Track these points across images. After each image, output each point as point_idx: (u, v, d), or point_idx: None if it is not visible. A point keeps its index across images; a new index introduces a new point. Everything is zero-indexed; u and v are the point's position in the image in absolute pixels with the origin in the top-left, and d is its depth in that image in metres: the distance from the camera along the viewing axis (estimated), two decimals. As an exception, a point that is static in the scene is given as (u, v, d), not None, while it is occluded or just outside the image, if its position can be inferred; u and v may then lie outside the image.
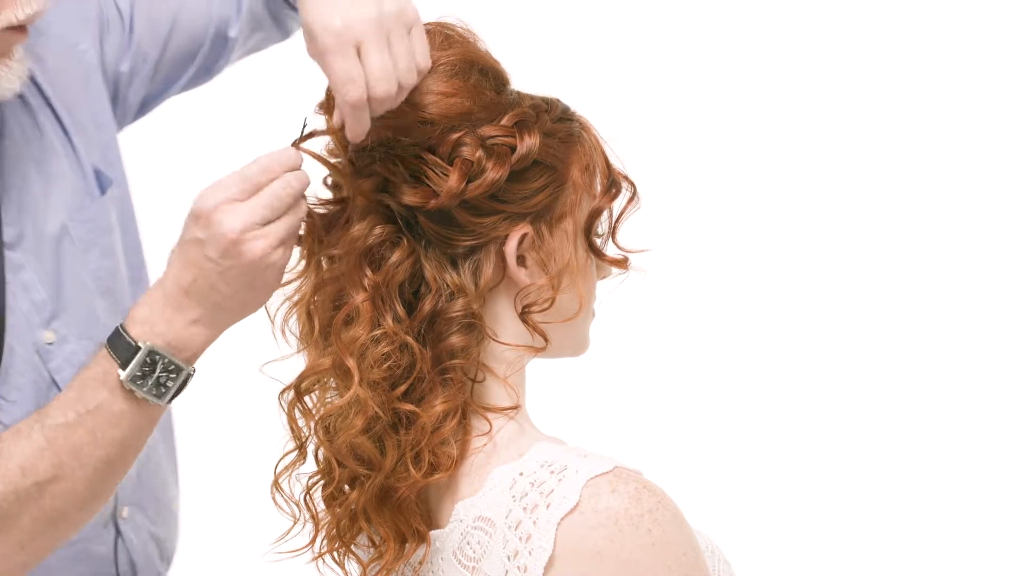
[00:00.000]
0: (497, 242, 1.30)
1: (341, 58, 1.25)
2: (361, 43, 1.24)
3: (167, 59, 1.68)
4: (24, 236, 1.51)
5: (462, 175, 1.28)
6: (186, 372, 1.33)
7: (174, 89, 1.73)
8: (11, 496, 1.33)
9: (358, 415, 1.27)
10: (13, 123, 1.53)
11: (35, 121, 1.55)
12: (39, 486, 1.33)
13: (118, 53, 1.65)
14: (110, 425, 1.33)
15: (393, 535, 1.30)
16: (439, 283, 1.30)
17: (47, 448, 1.33)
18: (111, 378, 1.33)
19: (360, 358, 1.27)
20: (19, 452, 1.34)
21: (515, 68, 1.36)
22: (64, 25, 1.59)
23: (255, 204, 1.27)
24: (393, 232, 1.30)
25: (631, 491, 1.21)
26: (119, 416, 1.33)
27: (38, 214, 1.53)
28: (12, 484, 1.33)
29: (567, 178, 1.33)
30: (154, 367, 1.32)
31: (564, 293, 1.32)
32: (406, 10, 1.27)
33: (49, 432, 1.34)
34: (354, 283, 1.29)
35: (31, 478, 1.33)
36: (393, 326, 1.28)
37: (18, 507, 1.33)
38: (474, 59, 1.32)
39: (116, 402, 1.33)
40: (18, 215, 1.51)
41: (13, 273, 1.50)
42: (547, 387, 1.70)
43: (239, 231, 1.26)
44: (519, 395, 1.33)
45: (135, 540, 1.65)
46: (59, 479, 1.33)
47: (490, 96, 1.31)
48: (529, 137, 1.30)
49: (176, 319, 1.31)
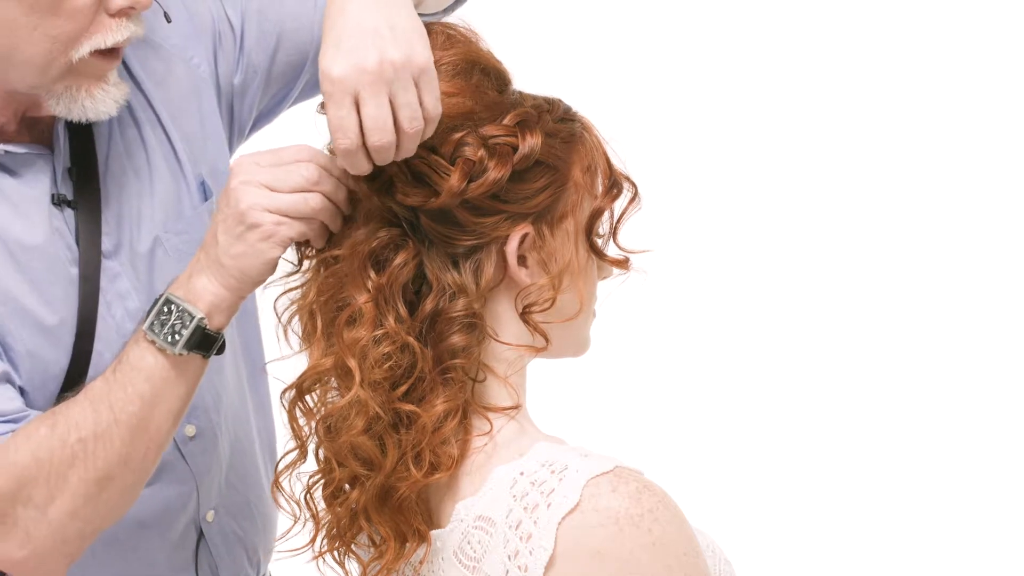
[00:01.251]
0: (498, 242, 1.31)
1: (335, 107, 1.27)
2: (358, 93, 1.26)
3: (276, 72, 1.70)
4: (121, 246, 1.55)
5: (464, 174, 1.28)
6: (197, 318, 1.37)
7: (288, 101, 1.75)
8: (60, 454, 1.38)
9: (359, 415, 1.28)
10: (117, 136, 1.56)
11: (140, 134, 1.58)
12: (83, 442, 1.39)
13: (231, 67, 1.67)
14: (141, 380, 1.39)
15: (394, 534, 1.30)
16: (441, 283, 1.30)
17: (89, 406, 1.40)
18: (139, 334, 1.40)
19: (362, 358, 1.28)
20: (66, 411, 1.41)
21: (517, 68, 1.36)
22: (178, 38, 1.61)
23: (270, 170, 1.33)
24: (398, 235, 1.30)
25: (632, 491, 1.21)
26: (148, 371, 1.39)
27: (135, 225, 1.56)
28: (59, 441, 1.39)
29: (568, 178, 1.33)
30: (170, 315, 1.38)
31: (565, 293, 1.32)
32: (413, 57, 1.27)
33: (91, 392, 1.41)
34: (357, 285, 1.29)
35: (75, 434, 1.39)
36: (395, 326, 1.28)
37: (68, 466, 1.39)
38: (476, 59, 1.32)
39: (144, 355, 1.39)
40: (117, 225, 1.55)
41: (109, 281, 1.53)
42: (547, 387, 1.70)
43: (242, 180, 1.33)
44: (520, 395, 1.33)
45: (220, 544, 1.67)
46: (99, 436, 1.39)
47: (492, 96, 1.31)
48: (531, 137, 1.30)
49: (193, 270, 1.38)
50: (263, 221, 1.32)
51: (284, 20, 1.68)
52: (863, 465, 3.30)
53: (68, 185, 1.52)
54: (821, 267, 3.46)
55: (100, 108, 1.48)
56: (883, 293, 3.45)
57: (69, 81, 1.45)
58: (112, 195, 1.55)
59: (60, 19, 1.41)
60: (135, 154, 1.57)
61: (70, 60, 1.43)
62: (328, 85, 1.27)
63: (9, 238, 1.48)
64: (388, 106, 1.26)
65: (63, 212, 1.51)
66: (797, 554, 3.14)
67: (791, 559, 3.12)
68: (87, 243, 1.51)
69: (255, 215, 1.32)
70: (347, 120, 1.26)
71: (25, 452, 1.39)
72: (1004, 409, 3.35)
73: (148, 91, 1.57)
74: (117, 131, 1.56)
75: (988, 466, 3.28)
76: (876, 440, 3.33)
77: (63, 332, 1.50)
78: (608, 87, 3.38)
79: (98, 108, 1.47)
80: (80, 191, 1.52)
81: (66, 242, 1.51)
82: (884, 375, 3.39)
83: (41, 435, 1.39)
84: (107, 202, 1.54)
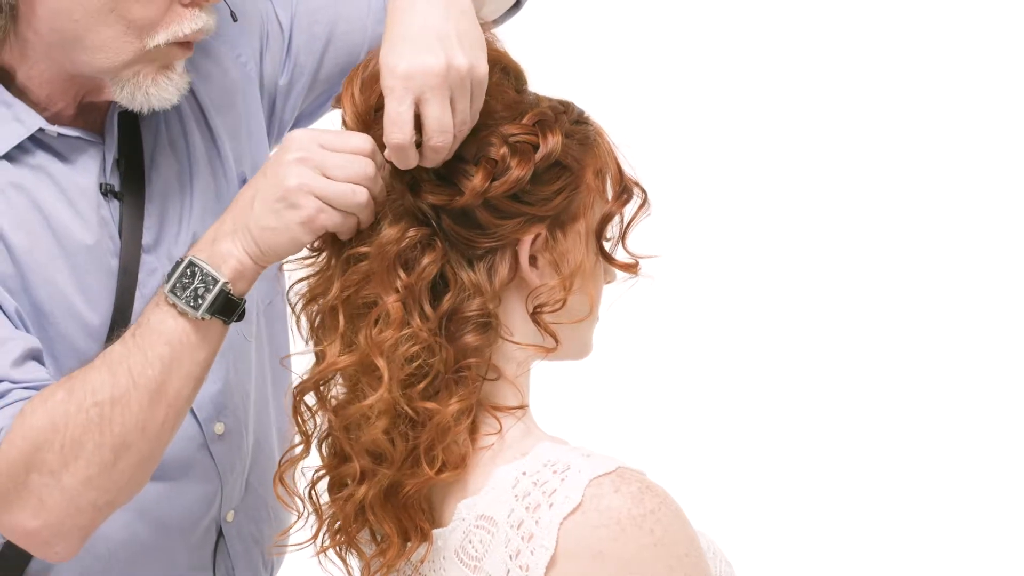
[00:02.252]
0: (512, 243, 1.31)
1: (396, 102, 1.28)
2: (423, 93, 1.27)
3: (323, 75, 1.69)
4: (161, 242, 1.54)
5: (487, 173, 1.29)
6: (221, 283, 1.35)
7: (329, 105, 1.74)
8: (75, 418, 1.35)
9: (382, 415, 1.28)
10: (163, 130, 1.56)
11: (184, 129, 1.58)
12: (99, 406, 1.35)
13: (277, 67, 1.67)
14: (160, 343, 1.36)
15: (397, 532, 1.30)
16: (459, 282, 1.30)
17: (106, 370, 1.36)
18: (160, 298, 1.37)
19: (389, 358, 1.28)
20: (83, 376, 1.37)
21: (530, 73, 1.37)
22: (226, 35, 1.61)
23: (328, 153, 1.31)
24: (427, 235, 1.30)
25: (634, 491, 1.22)
26: (167, 334, 1.36)
27: (175, 220, 1.56)
28: (75, 405, 1.35)
29: (582, 181, 1.33)
30: (193, 278, 1.35)
31: (575, 295, 1.32)
32: (476, 68, 1.29)
33: (108, 356, 1.37)
34: (385, 284, 1.29)
35: (91, 399, 1.35)
36: (420, 325, 1.28)
37: (83, 431, 1.35)
38: (496, 58, 1.32)
39: (165, 319, 1.36)
40: (158, 220, 1.54)
41: (147, 275, 1.53)
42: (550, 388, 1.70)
43: (297, 158, 1.30)
44: (525, 395, 1.34)
45: (238, 545, 1.66)
46: (116, 400, 1.35)
47: (511, 95, 1.32)
48: (552, 136, 1.31)
49: (220, 235, 1.35)
50: (306, 205, 1.30)
51: (336, 22, 1.68)
52: (864, 467, 3.29)
53: (116, 176, 1.52)
54: (829, 276, 3.46)
55: (163, 96, 1.47)
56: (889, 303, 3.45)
57: (138, 67, 1.45)
58: (156, 189, 1.54)
59: (137, 4, 1.41)
60: (179, 149, 1.57)
61: (144, 47, 1.43)
62: (391, 80, 1.28)
63: (58, 226, 1.48)
64: (450, 109, 1.27)
65: (109, 203, 1.51)
66: (797, 555, 3.14)
67: (791, 560, 3.11)
68: (129, 236, 1.51)
69: (300, 196, 1.30)
70: (405, 115, 1.27)
71: (41, 416, 1.36)
72: (1004, 409, 3.35)
73: (195, 87, 1.56)
74: (163, 125, 1.56)
75: (988, 466, 3.27)
76: (877, 442, 3.32)
77: (103, 328, 1.50)
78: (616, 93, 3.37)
79: (161, 96, 1.47)
80: (126, 183, 1.52)
81: (110, 233, 1.51)
82: (885, 380, 3.38)
83: (57, 399, 1.36)
84: (151, 196, 1.54)
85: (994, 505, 3.24)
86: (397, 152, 1.29)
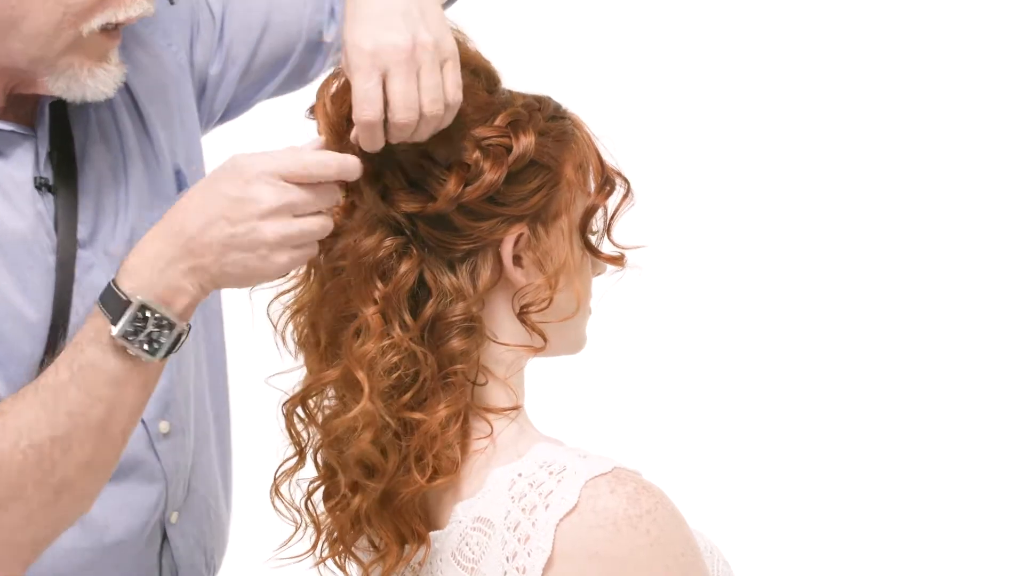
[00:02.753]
0: (494, 244, 1.30)
1: (363, 79, 1.26)
2: (388, 69, 1.26)
3: (257, 63, 1.69)
4: (96, 236, 1.52)
5: (460, 178, 1.28)
6: (179, 328, 1.30)
7: (264, 94, 1.74)
8: (10, 459, 1.30)
9: (367, 427, 1.27)
10: (94, 121, 1.54)
11: (115, 119, 1.56)
12: (36, 448, 1.29)
13: (208, 56, 1.66)
14: (104, 383, 1.29)
15: (394, 538, 1.30)
16: (439, 287, 1.29)
17: (41, 409, 1.30)
18: (103, 335, 1.29)
19: (370, 370, 1.27)
20: (14, 414, 1.31)
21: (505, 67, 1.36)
22: (156, 25, 1.60)
23: (299, 192, 1.26)
24: (402, 243, 1.30)
25: (630, 492, 1.21)
26: (112, 374, 1.29)
27: (111, 215, 1.53)
28: (9, 445, 1.29)
29: (561, 177, 1.32)
30: (145, 322, 1.28)
31: (561, 292, 1.32)
32: (442, 43, 1.28)
33: (43, 393, 1.30)
34: (363, 296, 1.28)
35: (26, 440, 1.29)
36: (401, 335, 1.27)
37: (19, 473, 1.30)
38: (465, 60, 1.31)
39: (108, 359, 1.30)
40: (93, 214, 1.52)
41: (83, 272, 1.50)
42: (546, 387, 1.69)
43: (273, 208, 1.25)
44: (518, 396, 1.33)
45: (181, 547, 1.64)
46: (56, 440, 1.29)
47: (483, 97, 1.31)
48: (524, 137, 1.29)
49: (169, 270, 1.28)
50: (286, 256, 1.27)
51: (271, 11, 1.68)
52: (862, 464, 3.28)
53: (49, 169, 1.49)
54: (818, 262, 3.44)
55: (100, 88, 1.46)
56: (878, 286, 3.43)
57: (72, 58, 1.43)
58: (90, 182, 1.52)
59: None
60: (111, 140, 1.55)
61: (79, 33, 1.42)
62: (358, 57, 1.27)
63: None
64: (416, 86, 1.26)
65: (44, 197, 1.48)
66: (796, 554, 3.14)
67: (790, 559, 3.11)
68: (65, 230, 1.47)
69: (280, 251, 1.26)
70: (373, 92, 1.26)
71: None
72: (1004, 409, 3.34)
73: (127, 76, 1.54)
74: (94, 116, 1.54)
75: (988, 466, 3.26)
76: (875, 439, 3.31)
77: (44, 327, 1.46)
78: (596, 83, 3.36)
79: (98, 87, 1.46)
80: (59, 176, 1.49)
81: (46, 228, 1.48)
82: (882, 372, 3.37)
83: None
84: (84, 189, 1.51)
85: (994, 505, 3.23)
86: (366, 130, 1.27)
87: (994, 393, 3.33)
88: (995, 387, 3.34)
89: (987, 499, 3.24)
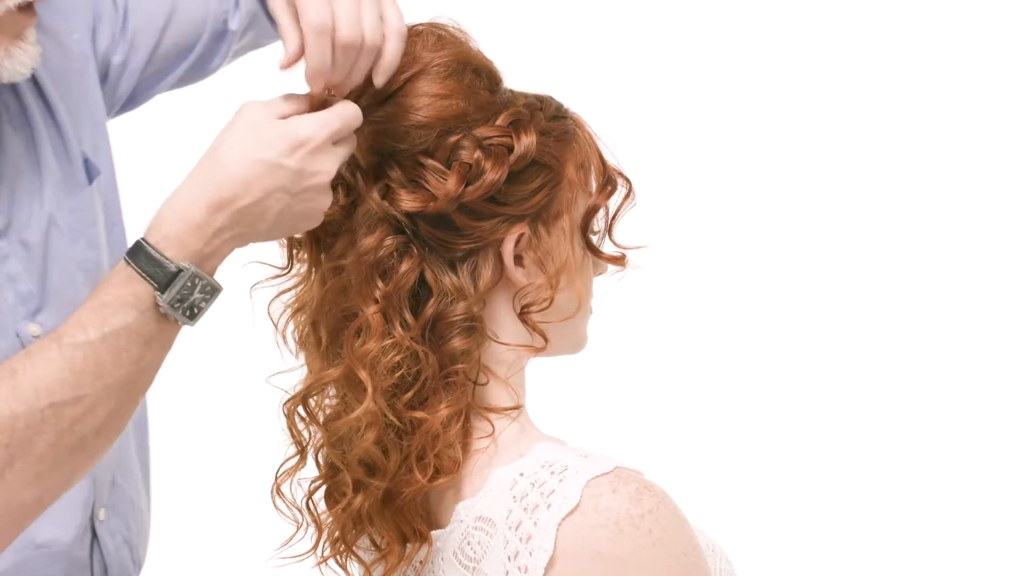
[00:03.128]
0: (495, 244, 1.30)
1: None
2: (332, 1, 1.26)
3: (161, 52, 1.68)
4: (11, 225, 1.49)
5: (460, 178, 1.28)
6: (219, 293, 1.28)
7: (166, 84, 1.72)
8: (25, 418, 1.25)
9: (371, 427, 1.27)
10: (2, 111, 1.52)
11: (23, 108, 1.54)
12: (56, 407, 1.25)
13: (111, 44, 1.65)
14: (137, 346, 1.26)
15: (396, 537, 1.30)
16: (440, 287, 1.29)
17: (66, 368, 1.25)
18: (144, 301, 1.26)
19: (372, 370, 1.27)
20: (33, 371, 1.26)
21: (506, 66, 1.36)
22: (58, 14, 1.58)
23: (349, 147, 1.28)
24: (403, 242, 1.30)
25: (632, 491, 1.21)
26: (148, 338, 1.26)
27: (26, 203, 1.51)
28: (25, 405, 1.24)
29: (563, 176, 1.32)
30: (192, 290, 1.26)
31: (562, 292, 1.32)
32: None
33: (68, 351, 1.26)
34: (364, 295, 1.28)
35: (46, 399, 1.25)
36: (402, 333, 1.27)
37: (33, 430, 1.24)
38: (467, 59, 1.31)
39: (147, 324, 1.26)
40: (8, 204, 1.49)
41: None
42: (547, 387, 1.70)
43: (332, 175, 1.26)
44: (520, 395, 1.33)
45: (110, 544, 1.63)
46: (79, 400, 1.25)
47: (485, 96, 1.31)
48: (526, 136, 1.30)
49: (216, 239, 1.26)
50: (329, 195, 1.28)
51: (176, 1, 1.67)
52: (863, 464, 3.28)
53: None
54: (818, 261, 3.44)
55: (16, 68, 1.43)
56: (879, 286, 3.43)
57: None
58: (3, 169, 1.50)
59: None
60: (20, 129, 1.53)
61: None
62: None
63: None
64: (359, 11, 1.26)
65: None
66: (797, 554, 3.14)
67: (791, 559, 3.12)
68: None
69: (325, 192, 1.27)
70: (324, 6, 1.26)
71: None
72: (1004, 409, 3.34)
73: None
74: (2, 105, 1.52)
75: (988, 466, 3.27)
76: (876, 439, 3.31)
77: None
78: (597, 82, 3.36)
79: (15, 68, 1.43)
80: None
81: None
82: (883, 372, 3.37)
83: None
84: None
85: (994, 505, 3.24)
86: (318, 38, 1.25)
87: (994, 393, 3.34)
88: (995, 387, 3.34)
89: (987, 499, 3.24)
